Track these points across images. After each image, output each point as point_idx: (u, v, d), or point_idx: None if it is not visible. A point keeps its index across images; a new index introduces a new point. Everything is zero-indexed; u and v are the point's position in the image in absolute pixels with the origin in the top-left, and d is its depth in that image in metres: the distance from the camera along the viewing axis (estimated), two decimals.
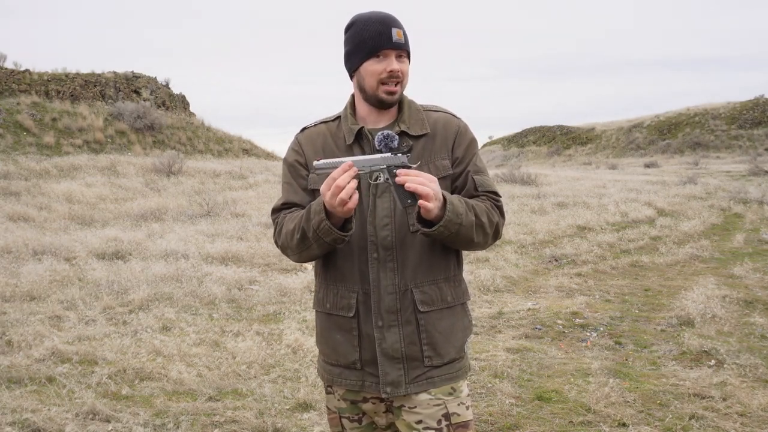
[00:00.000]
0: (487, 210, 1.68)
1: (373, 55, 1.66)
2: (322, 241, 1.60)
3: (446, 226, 1.56)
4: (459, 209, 1.58)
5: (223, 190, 13.82)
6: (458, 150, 1.74)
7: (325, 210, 1.56)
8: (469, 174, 1.72)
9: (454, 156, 1.74)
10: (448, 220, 1.55)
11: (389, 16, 1.68)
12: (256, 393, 3.75)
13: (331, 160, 1.58)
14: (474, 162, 1.75)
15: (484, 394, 3.80)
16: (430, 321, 1.71)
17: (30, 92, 20.04)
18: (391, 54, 1.66)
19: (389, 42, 1.65)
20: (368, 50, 1.66)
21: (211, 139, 22.99)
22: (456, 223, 1.57)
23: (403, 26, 1.70)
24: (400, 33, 1.67)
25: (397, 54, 1.67)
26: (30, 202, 11.31)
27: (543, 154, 46.38)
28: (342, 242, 1.62)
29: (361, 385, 1.74)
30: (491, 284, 6.50)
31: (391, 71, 1.66)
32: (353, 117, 1.76)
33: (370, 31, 1.66)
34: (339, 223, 1.59)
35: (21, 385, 3.80)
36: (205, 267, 6.82)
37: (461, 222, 1.58)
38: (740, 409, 3.51)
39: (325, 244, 1.62)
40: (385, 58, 1.66)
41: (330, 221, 1.57)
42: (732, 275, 6.98)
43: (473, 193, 1.72)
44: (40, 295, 5.77)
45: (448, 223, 1.56)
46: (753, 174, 20.63)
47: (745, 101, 41.72)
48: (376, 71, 1.66)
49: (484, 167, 1.78)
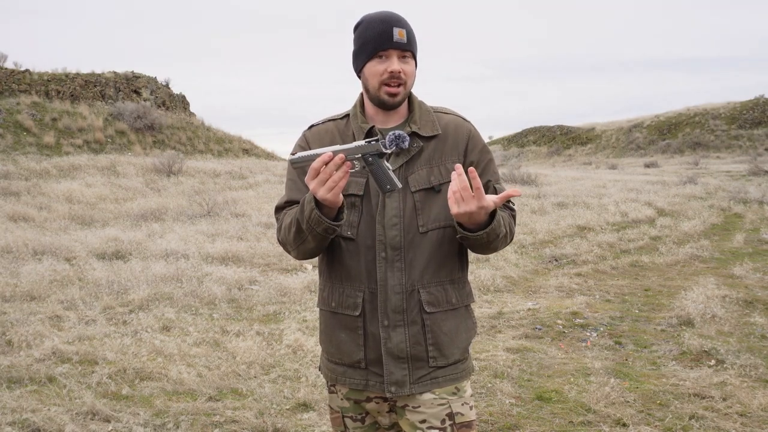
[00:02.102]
0: (510, 222, 1.71)
1: (375, 56, 1.65)
2: (315, 232, 1.59)
3: (488, 233, 1.59)
4: (501, 222, 1.61)
5: (223, 190, 13.82)
6: (472, 154, 1.74)
7: (315, 200, 1.56)
8: (491, 183, 1.73)
9: (468, 160, 1.73)
10: (491, 230, 1.58)
11: (392, 16, 1.66)
12: (256, 393, 3.75)
13: (307, 153, 1.57)
14: (492, 169, 1.76)
15: (485, 394, 3.80)
16: (435, 322, 1.71)
17: (30, 92, 20.04)
18: (392, 54, 1.65)
19: (389, 42, 1.63)
20: (370, 50, 1.65)
21: (211, 139, 22.99)
22: (496, 233, 1.61)
23: (408, 26, 1.67)
24: (402, 32, 1.64)
25: (400, 54, 1.65)
26: (30, 202, 11.31)
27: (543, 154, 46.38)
28: (333, 233, 1.61)
29: (365, 384, 1.74)
30: (491, 284, 6.50)
31: (391, 72, 1.64)
32: (363, 116, 1.75)
33: (372, 32, 1.65)
34: (331, 213, 1.59)
35: (21, 385, 3.80)
36: (205, 267, 6.81)
37: (498, 233, 1.62)
38: (740, 409, 3.52)
39: (319, 236, 1.61)
40: (387, 58, 1.65)
41: (320, 211, 1.57)
42: (732, 275, 6.98)
43: None
44: (40, 295, 5.77)
45: (491, 231, 1.59)
46: (753, 174, 20.63)
47: (745, 101, 41.73)
48: (378, 72, 1.65)
49: (498, 172, 1.80)
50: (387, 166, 1.54)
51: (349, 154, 1.52)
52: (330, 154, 1.50)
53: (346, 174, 1.51)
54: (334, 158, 1.50)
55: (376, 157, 1.52)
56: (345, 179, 1.52)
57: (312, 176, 1.52)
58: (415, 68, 1.71)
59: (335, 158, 1.50)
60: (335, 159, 1.50)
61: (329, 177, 1.50)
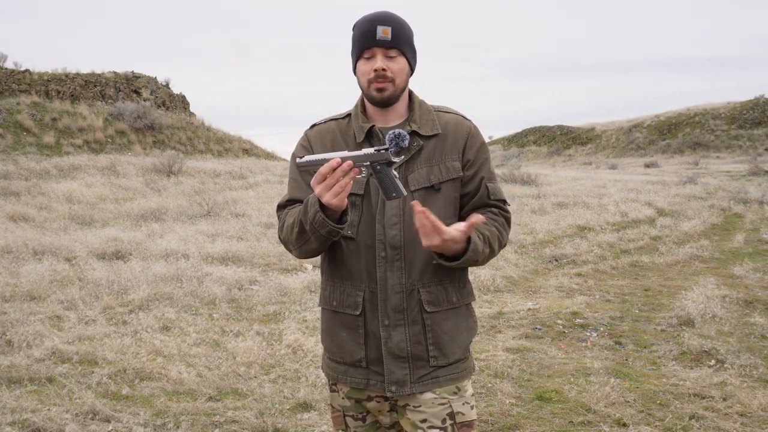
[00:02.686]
0: (499, 234, 1.71)
1: (363, 55, 1.66)
2: (318, 233, 1.60)
3: (463, 262, 1.63)
4: (478, 247, 1.62)
5: (223, 190, 13.82)
6: (470, 152, 1.74)
7: (320, 202, 1.56)
8: (483, 181, 1.73)
9: (465, 158, 1.73)
10: (466, 259, 1.61)
11: (379, 15, 1.66)
12: (256, 393, 3.75)
13: (315, 157, 1.57)
14: (487, 168, 1.76)
15: (485, 394, 3.80)
16: (436, 321, 1.71)
17: (30, 92, 20.03)
18: (377, 53, 1.65)
19: (372, 40, 1.64)
20: (358, 50, 1.67)
21: (211, 139, 22.98)
22: (473, 260, 1.64)
23: (396, 23, 1.66)
24: (386, 30, 1.64)
25: (384, 52, 1.65)
26: (30, 202, 11.31)
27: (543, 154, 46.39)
28: (337, 235, 1.62)
29: (366, 383, 1.74)
30: (491, 284, 6.50)
31: (375, 70, 1.64)
32: (364, 115, 1.75)
33: (359, 31, 1.66)
34: (334, 216, 1.59)
35: (21, 385, 3.79)
36: (205, 267, 6.81)
37: (477, 258, 1.64)
38: (740, 409, 3.52)
39: (322, 237, 1.61)
40: (372, 57, 1.66)
41: (324, 213, 1.57)
42: (732, 275, 6.98)
43: (486, 201, 1.73)
44: (40, 295, 5.77)
45: (465, 261, 1.62)
46: (753, 174, 20.64)
47: (745, 101, 41.74)
48: (366, 71, 1.66)
49: (495, 172, 1.79)
50: (394, 174, 1.54)
51: (358, 161, 1.53)
52: (338, 160, 1.50)
53: (351, 180, 1.52)
54: (342, 165, 1.50)
55: (384, 165, 1.53)
56: (350, 185, 1.52)
57: (318, 180, 1.52)
58: (407, 65, 1.70)
59: (343, 165, 1.50)
60: (343, 165, 1.50)
61: (336, 182, 1.50)
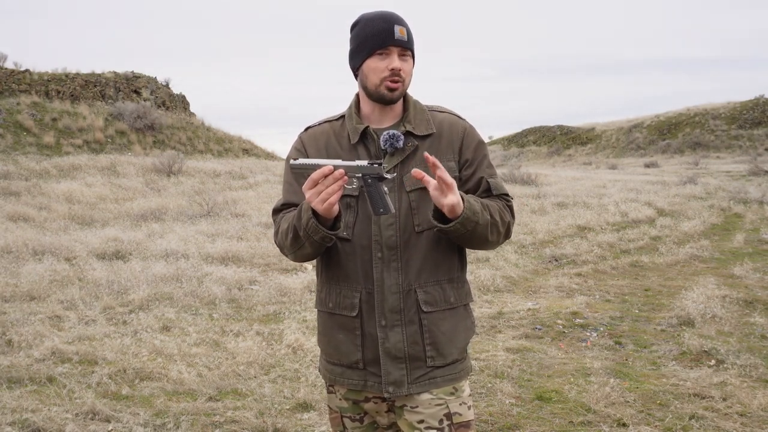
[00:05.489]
0: (500, 209, 1.68)
1: (376, 53, 1.66)
2: (312, 239, 1.60)
3: (463, 224, 1.56)
4: (475, 207, 1.59)
5: (223, 190, 13.82)
6: (467, 152, 1.74)
7: (312, 208, 1.56)
8: (484, 178, 1.72)
9: (462, 158, 1.73)
10: (465, 218, 1.56)
11: (393, 14, 1.68)
12: (256, 393, 3.75)
13: (309, 161, 1.57)
14: (486, 165, 1.75)
15: (484, 394, 3.80)
16: (433, 321, 1.71)
17: (30, 92, 20.03)
18: (393, 52, 1.66)
19: (391, 39, 1.64)
20: (371, 47, 1.66)
21: (211, 139, 22.98)
22: (473, 221, 1.58)
23: (407, 25, 1.69)
24: (403, 31, 1.66)
25: (400, 52, 1.67)
26: (30, 202, 11.31)
27: (543, 154, 46.37)
28: (330, 241, 1.62)
29: (363, 384, 1.74)
30: (491, 284, 6.50)
31: (392, 69, 1.65)
32: (358, 116, 1.75)
33: (373, 29, 1.66)
34: (327, 222, 1.59)
35: (21, 385, 3.80)
36: (205, 267, 6.81)
37: (477, 220, 1.58)
38: (740, 409, 3.52)
39: (316, 243, 1.61)
40: (388, 55, 1.66)
41: (317, 220, 1.57)
42: (732, 275, 6.98)
43: (488, 196, 1.72)
44: (40, 295, 5.77)
45: (464, 220, 1.56)
46: (753, 174, 20.63)
47: (745, 101, 41.70)
48: (379, 68, 1.66)
49: (494, 168, 1.79)
50: (384, 190, 1.53)
51: (350, 171, 1.53)
52: (331, 168, 1.50)
53: (341, 188, 1.52)
54: (334, 173, 1.50)
55: (376, 179, 1.52)
56: (339, 193, 1.52)
57: (309, 186, 1.53)
58: (412, 67, 1.72)
59: (335, 173, 1.50)
60: (335, 173, 1.50)
61: (326, 189, 1.51)
